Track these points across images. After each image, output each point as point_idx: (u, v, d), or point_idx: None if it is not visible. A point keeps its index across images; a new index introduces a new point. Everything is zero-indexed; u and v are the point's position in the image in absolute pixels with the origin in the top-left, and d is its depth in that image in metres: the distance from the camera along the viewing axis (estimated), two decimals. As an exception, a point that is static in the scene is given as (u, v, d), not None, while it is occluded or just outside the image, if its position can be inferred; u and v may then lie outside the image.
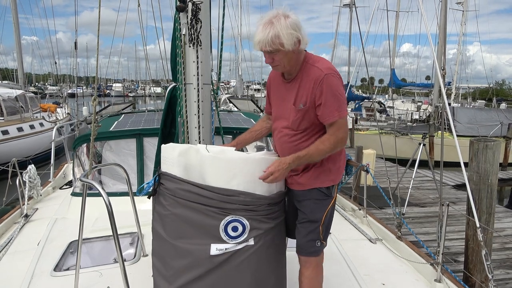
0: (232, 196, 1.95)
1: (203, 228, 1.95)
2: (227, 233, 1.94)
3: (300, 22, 1.95)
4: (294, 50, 1.93)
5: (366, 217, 4.06)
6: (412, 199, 7.79)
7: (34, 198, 4.46)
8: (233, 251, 1.95)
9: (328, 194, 2.07)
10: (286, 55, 1.93)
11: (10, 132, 12.63)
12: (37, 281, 2.70)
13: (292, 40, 1.88)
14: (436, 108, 14.73)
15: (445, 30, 13.23)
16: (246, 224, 1.97)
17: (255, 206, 1.99)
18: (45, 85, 50.48)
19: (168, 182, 2.02)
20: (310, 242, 2.04)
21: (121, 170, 2.90)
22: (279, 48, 1.90)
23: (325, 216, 2.05)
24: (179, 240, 1.97)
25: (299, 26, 1.92)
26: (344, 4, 28.70)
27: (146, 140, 4.10)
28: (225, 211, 1.94)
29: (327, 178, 2.06)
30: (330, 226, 2.13)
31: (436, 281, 2.76)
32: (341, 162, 2.13)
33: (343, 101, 1.96)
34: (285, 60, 1.96)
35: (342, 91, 1.98)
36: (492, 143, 3.77)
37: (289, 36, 1.87)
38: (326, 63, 2.01)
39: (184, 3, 2.39)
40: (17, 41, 17.65)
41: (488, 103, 28.33)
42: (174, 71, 2.64)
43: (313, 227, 2.04)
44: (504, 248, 5.86)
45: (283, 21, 1.87)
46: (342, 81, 2.02)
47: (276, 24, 1.87)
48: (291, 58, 1.96)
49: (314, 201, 2.05)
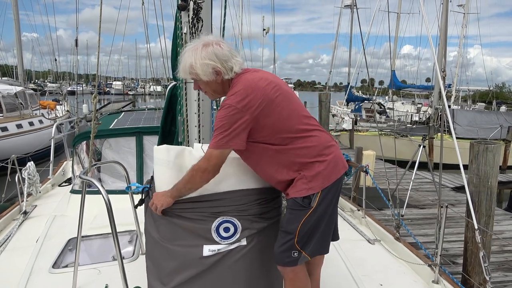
0: (222, 199, 1.96)
1: (195, 231, 1.96)
2: (219, 234, 1.95)
3: (227, 51, 1.90)
4: (216, 80, 1.91)
5: (364, 218, 4.06)
6: (411, 201, 7.80)
7: (33, 195, 4.46)
8: (226, 251, 1.95)
9: (304, 205, 1.90)
10: (207, 84, 1.94)
11: (9, 128, 12.61)
12: (36, 278, 2.70)
13: (207, 71, 1.87)
14: (436, 110, 14.74)
15: (446, 33, 13.23)
16: (238, 225, 1.97)
17: (245, 204, 1.99)
18: (44, 82, 50.43)
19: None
20: (285, 252, 1.94)
21: (121, 168, 2.90)
22: (196, 78, 1.92)
23: (300, 227, 1.90)
24: (172, 242, 1.98)
25: (221, 56, 1.88)
26: (345, 5, 28.77)
27: (146, 138, 4.10)
28: (216, 214, 1.95)
29: (302, 187, 1.90)
30: (313, 237, 1.95)
31: (434, 283, 2.76)
32: (322, 167, 1.92)
33: (220, 132, 1.81)
34: (208, 89, 1.98)
35: (223, 121, 1.81)
36: (493, 146, 3.77)
37: (204, 66, 1.87)
38: (236, 88, 1.87)
39: (185, 1, 2.39)
40: (17, 38, 17.64)
41: (488, 106, 28.34)
42: (174, 70, 2.64)
43: (287, 238, 1.93)
44: (503, 250, 5.86)
45: (199, 51, 1.87)
46: (232, 108, 1.81)
47: (191, 54, 1.89)
48: (215, 88, 1.96)
49: (289, 211, 1.95)
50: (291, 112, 1.93)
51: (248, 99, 1.82)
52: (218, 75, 1.90)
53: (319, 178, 1.91)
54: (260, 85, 1.87)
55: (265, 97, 1.85)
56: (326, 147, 1.97)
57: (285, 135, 1.90)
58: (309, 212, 1.90)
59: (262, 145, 1.92)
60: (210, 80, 1.91)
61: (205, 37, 1.97)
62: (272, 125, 1.88)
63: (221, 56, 1.88)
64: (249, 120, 1.82)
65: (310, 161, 1.92)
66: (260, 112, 1.84)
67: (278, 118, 1.88)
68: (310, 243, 1.96)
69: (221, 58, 1.88)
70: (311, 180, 1.91)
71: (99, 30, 2.40)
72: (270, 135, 1.90)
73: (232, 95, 1.84)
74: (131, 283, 2.12)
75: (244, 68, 1.98)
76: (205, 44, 1.90)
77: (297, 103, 2.00)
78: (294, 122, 1.92)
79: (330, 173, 1.94)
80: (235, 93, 1.84)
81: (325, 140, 1.99)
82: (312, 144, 1.93)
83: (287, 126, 1.90)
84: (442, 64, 6.13)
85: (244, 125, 1.82)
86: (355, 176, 5.99)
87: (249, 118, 1.82)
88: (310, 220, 1.92)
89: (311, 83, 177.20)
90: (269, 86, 1.89)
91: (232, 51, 1.95)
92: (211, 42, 1.91)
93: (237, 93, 1.83)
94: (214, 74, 1.89)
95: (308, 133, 1.94)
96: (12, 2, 17.03)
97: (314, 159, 1.92)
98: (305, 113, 2.01)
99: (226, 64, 1.89)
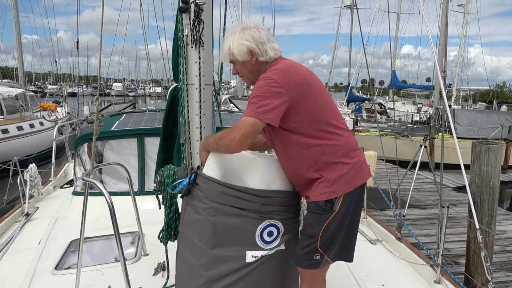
0: (270, 197, 1.95)
1: (240, 234, 1.91)
2: (263, 239, 1.93)
3: (264, 35, 1.96)
4: (251, 61, 1.97)
5: (366, 218, 4.07)
6: (412, 201, 7.79)
7: (35, 197, 4.47)
8: (267, 256, 1.95)
9: (326, 209, 1.87)
10: (243, 65, 2.00)
11: (10, 131, 12.63)
12: (38, 280, 2.71)
13: (242, 50, 1.94)
14: (436, 110, 14.73)
15: (446, 32, 13.22)
16: (281, 228, 1.97)
17: (287, 207, 2.00)
18: (45, 84, 50.47)
19: (205, 184, 1.94)
20: (307, 255, 1.94)
21: (122, 169, 2.91)
22: (233, 59, 2.00)
23: (322, 231, 1.88)
24: (215, 248, 1.91)
25: (257, 38, 1.94)
26: (345, 5, 28.79)
27: (147, 140, 4.11)
28: (262, 215, 1.93)
29: (324, 190, 1.88)
30: (336, 241, 1.92)
31: (436, 283, 2.77)
32: (345, 170, 1.88)
33: (256, 101, 1.78)
34: (245, 71, 2.03)
35: (261, 90, 1.81)
36: (495, 146, 3.76)
37: (239, 46, 1.94)
38: (276, 66, 1.91)
39: (187, 4, 2.39)
40: (17, 40, 17.67)
41: (488, 105, 28.34)
42: (175, 72, 2.64)
43: (310, 241, 1.91)
44: (505, 250, 5.86)
45: (237, 34, 1.97)
46: (273, 81, 1.81)
47: (230, 37, 1.99)
48: (251, 70, 2.00)
49: (311, 214, 1.93)
50: (326, 103, 1.95)
51: (288, 77, 1.84)
52: (252, 56, 1.95)
53: (341, 182, 1.88)
54: (301, 68, 1.94)
55: (304, 80, 1.89)
56: (352, 149, 1.96)
57: (316, 126, 1.89)
58: (332, 216, 1.88)
59: (291, 134, 1.91)
60: (245, 60, 1.97)
61: (245, 23, 2.06)
62: (306, 111, 1.87)
63: (257, 38, 1.95)
64: (286, 98, 1.81)
65: (334, 161, 1.90)
66: (297, 94, 1.84)
67: (314, 105, 1.89)
68: (333, 247, 1.93)
69: (257, 40, 1.94)
70: (333, 183, 1.88)
71: (101, 32, 2.41)
72: (302, 121, 1.88)
73: (273, 70, 1.89)
74: (134, 284, 2.13)
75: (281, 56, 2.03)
76: (244, 28, 1.99)
77: (330, 98, 2.03)
78: (328, 114, 1.93)
79: (353, 178, 1.91)
80: (276, 69, 1.88)
81: (352, 143, 1.99)
82: (339, 144, 1.92)
83: (320, 117, 1.90)
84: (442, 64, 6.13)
85: (281, 100, 1.79)
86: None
87: (287, 96, 1.81)
88: (332, 224, 1.89)
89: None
90: (308, 72, 1.97)
91: (270, 37, 2.01)
92: (249, 26, 2.00)
93: (278, 70, 1.87)
94: (249, 54, 1.95)
95: (338, 131, 1.94)
96: (12, 4, 17.06)
97: (338, 159, 1.90)
98: (337, 110, 2.04)
99: (262, 47, 1.95)
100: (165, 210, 2.23)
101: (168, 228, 2.25)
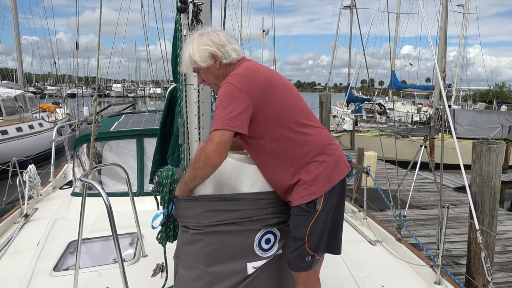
0: (264, 199, 1.94)
1: (238, 249, 1.89)
2: (261, 247, 1.93)
3: (224, 37, 1.91)
4: (215, 66, 1.91)
5: (366, 219, 4.06)
6: (413, 201, 7.78)
7: (34, 198, 4.46)
8: (266, 263, 1.95)
9: (309, 210, 1.86)
10: (208, 71, 1.94)
11: (9, 132, 12.61)
12: (37, 281, 2.70)
13: (204, 56, 1.88)
14: (436, 110, 14.72)
15: (445, 33, 13.23)
16: (277, 234, 1.97)
17: (283, 206, 1.97)
18: (44, 85, 50.45)
19: (186, 209, 1.91)
20: (298, 258, 1.93)
21: (121, 170, 2.90)
22: (197, 66, 1.93)
23: (308, 232, 1.87)
24: (214, 266, 1.87)
25: (216, 41, 1.89)
26: (344, 6, 28.82)
27: (147, 141, 4.10)
28: (258, 224, 1.91)
29: (304, 192, 1.85)
30: (323, 239, 1.93)
31: (436, 284, 2.75)
32: (321, 168, 1.86)
33: (219, 112, 1.72)
34: (210, 77, 1.97)
35: (222, 99, 1.74)
36: (496, 146, 3.74)
37: (200, 52, 1.88)
38: (236, 71, 1.86)
39: (185, 4, 2.38)
40: (16, 41, 17.64)
41: (488, 105, 28.34)
42: (174, 72, 2.64)
43: (298, 244, 1.90)
44: (506, 251, 5.84)
45: (196, 40, 1.91)
46: (233, 86, 1.76)
47: (189, 45, 1.93)
48: (217, 75, 1.94)
49: (295, 217, 1.91)
50: (293, 102, 1.90)
51: (248, 80, 1.79)
52: (215, 60, 1.91)
53: (319, 181, 1.86)
54: (261, 70, 1.89)
55: (266, 82, 1.84)
56: (326, 146, 1.91)
57: (284, 128, 1.85)
58: (316, 216, 1.87)
59: (260, 141, 1.87)
60: (209, 66, 1.92)
61: (202, 29, 2.01)
62: (272, 113, 1.82)
63: (217, 41, 1.90)
64: (249, 103, 1.75)
65: (309, 161, 1.86)
66: (260, 97, 1.79)
67: (279, 106, 1.84)
68: (321, 245, 1.94)
69: (217, 43, 1.89)
70: (312, 184, 1.86)
71: (99, 33, 2.40)
72: (269, 125, 1.83)
73: (233, 75, 1.83)
74: (132, 285, 2.11)
75: (243, 57, 1.99)
76: (201, 33, 1.94)
77: (298, 96, 1.97)
78: (295, 114, 1.88)
79: (331, 175, 1.89)
80: (236, 74, 1.83)
81: (325, 139, 1.93)
82: (311, 143, 1.88)
83: (288, 117, 1.85)
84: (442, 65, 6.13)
85: (244, 105, 1.74)
86: (357, 177, 5.99)
87: (249, 100, 1.75)
88: (318, 224, 1.88)
89: (311, 84, 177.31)
90: (270, 72, 1.91)
91: (229, 38, 1.96)
92: (207, 31, 1.95)
93: (238, 74, 1.82)
94: (212, 59, 1.90)
95: (308, 130, 1.89)
96: (12, 5, 17.04)
97: (312, 159, 1.87)
98: (306, 107, 1.98)
99: (223, 49, 1.90)
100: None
101: (166, 229, 2.24)
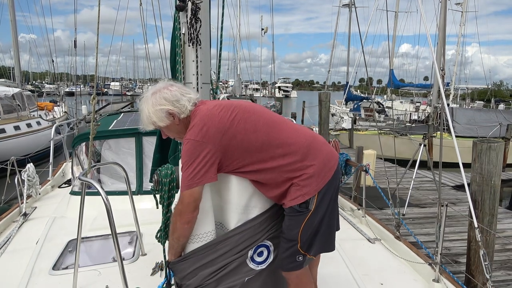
0: (261, 221, 1.96)
1: (234, 274, 1.92)
2: (255, 261, 1.96)
3: (176, 91, 1.91)
4: (174, 122, 1.92)
5: (365, 217, 4.06)
6: (412, 200, 7.78)
7: (33, 197, 4.45)
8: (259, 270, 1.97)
9: (302, 210, 1.87)
10: (169, 128, 1.96)
11: (7, 130, 12.58)
12: (36, 280, 2.69)
13: (161, 116, 1.89)
14: (435, 108, 14.75)
15: (444, 31, 13.22)
16: (270, 246, 1.99)
17: (276, 219, 2.00)
18: (42, 84, 50.33)
19: (183, 270, 1.92)
20: (289, 258, 1.92)
21: (120, 169, 2.90)
22: (157, 126, 1.94)
23: (301, 232, 1.89)
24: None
25: (170, 98, 1.89)
26: (343, 4, 28.73)
27: (146, 139, 4.09)
28: (251, 244, 1.93)
29: (297, 194, 1.87)
30: (316, 238, 1.94)
31: (435, 281, 2.76)
32: (311, 170, 1.87)
33: (185, 169, 1.78)
34: (172, 133, 1.99)
35: (186, 156, 1.79)
36: (496, 144, 3.73)
37: (157, 113, 1.89)
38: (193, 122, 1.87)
39: (183, 2, 2.38)
40: (14, 39, 17.56)
41: (486, 104, 28.38)
42: (173, 70, 2.64)
43: (290, 244, 1.91)
44: (505, 249, 5.85)
45: (150, 100, 1.90)
46: (192, 141, 1.79)
47: (144, 105, 1.92)
48: (178, 130, 1.96)
49: (288, 217, 1.92)
50: (256, 122, 1.88)
51: (205, 128, 1.80)
52: (173, 117, 1.91)
53: (312, 182, 1.87)
54: (214, 112, 1.87)
55: (223, 124, 1.83)
56: (309, 148, 1.91)
57: (261, 155, 1.86)
58: (308, 215, 1.88)
59: (241, 174, 1.90)
60: (168, 124, 1.92)
61: (155, 86, 1.99)
62: (242, 149, 1.83)
63: (170, 98, 1.89)
64: (213, 150, 1.78)
65: (298, 168, 1.88)
66: (223, 137, 1.81)
67: (247, 141, 1.84)
68: (313, 245, 1.94)
69: (170, 99, 1.89)
70: (304, 185, 1.87)
71: (97, 31, 2.39)
72: (244, 158, 1.85)
73: (190, 129, 1.84)
74: (131, 284, 2.11)
75: (199, 100, 1.98)
76: (154, 92, 1.92)
77: (260, 111, 1.95)
78: (263, 134, 1.87)
79: (322, 174, 1.90)
80: (192, 127, 1.84)
81: (305, 141, 1.92)
82: (293, 153, 1.88)
83: (261, 147, 1.86)
84: (441, 63, 6.13)
85: (209, 156, 1.77)
86: (356, 175, 5.99)
87: (212, 148, 1.78)
88: (311, 223, 1.89)
89: (310, 82, 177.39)
90: (224, 110, 1.88)
91: (182, 89, 1.95)
92: (158, 88, 1.93)
93: (194, 126, 1.83)
94: (170, 117, 1.90)
95: (287, 148, 1.88)
96: (8, 3, 16.95)
97: (300, 164, 1.88)
98: (273, 118, 1.96)
99: (178, 104, 1.89)
100: (163, 210, 2.22)
101: (166, 227, 2.24)
